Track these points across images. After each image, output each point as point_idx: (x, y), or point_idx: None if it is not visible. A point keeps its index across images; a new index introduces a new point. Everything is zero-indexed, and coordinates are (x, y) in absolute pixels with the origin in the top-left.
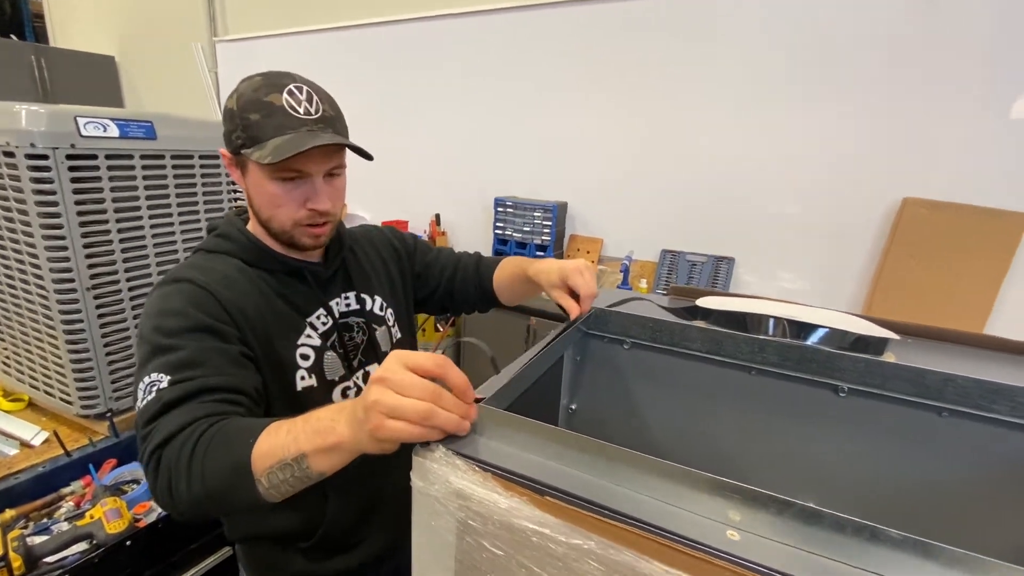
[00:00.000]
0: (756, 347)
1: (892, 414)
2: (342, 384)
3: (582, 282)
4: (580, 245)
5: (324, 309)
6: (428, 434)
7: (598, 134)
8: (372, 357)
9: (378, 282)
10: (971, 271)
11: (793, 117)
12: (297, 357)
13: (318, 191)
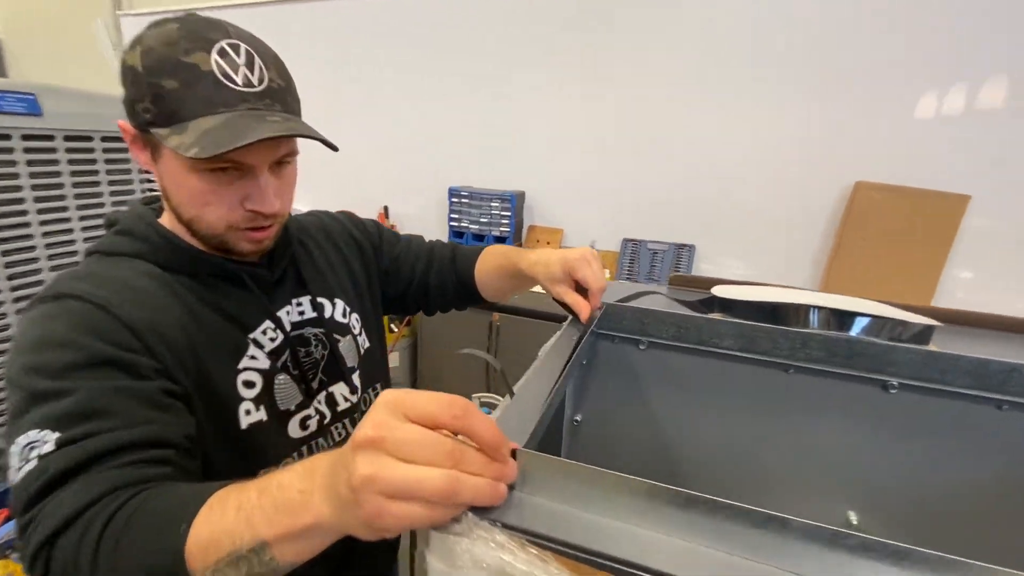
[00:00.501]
0: (799, 342)
1: (948, 410)
2: (300, 414)
3: (591, 274)
4: (540, 236)
5: (271, 321)
6: (450, 515)
7: (556, 122)
8: (336, 375)
9: (338, 282)
10: (918, 249)
11: (750, 105)
12: (239, 386)
13: (262, 188)
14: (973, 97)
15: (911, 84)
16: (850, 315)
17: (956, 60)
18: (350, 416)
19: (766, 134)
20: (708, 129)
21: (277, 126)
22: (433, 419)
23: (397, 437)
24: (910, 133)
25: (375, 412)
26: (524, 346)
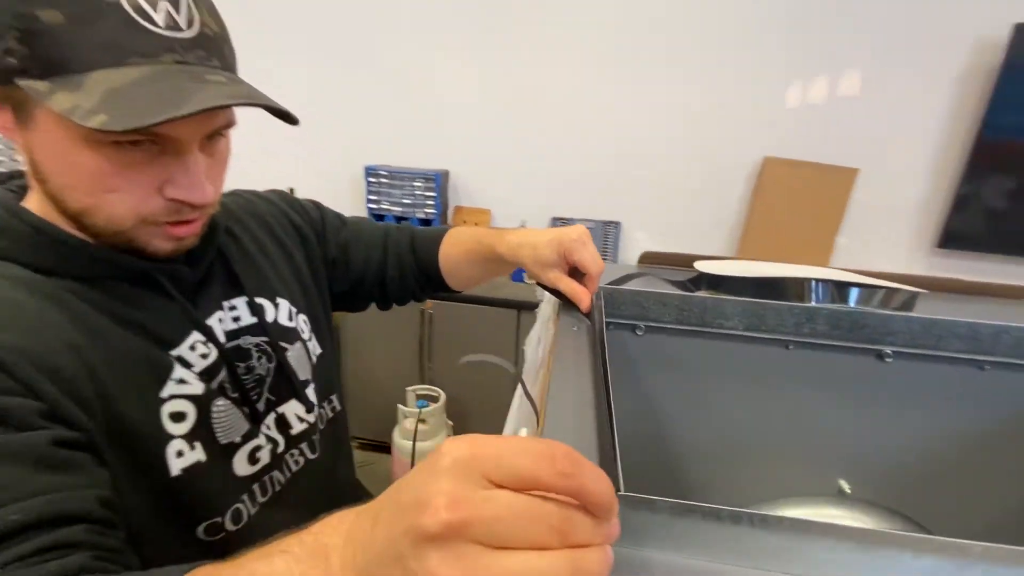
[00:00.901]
0: (804, 316)
1: (937, 374)
2: (247, 445)
3: (589, 256)
4: (467, 217)
5: (200, 333)
6: None
7: (477, 98)
8: (286, 392)
9: (279, 279)
10: (817, 218)
11: (666, 82)
12: (165, 420)
13: (191, 170)
14: (860, 80)
15: (807, 67)
16: (845, 286)
17: (846, 48)
18: (307, 439)
19: (682, 111)
20: (626, 106)
21: (223, 90)
22: (531, 480)
23: (486, 516)
24: (809, 112)
25: (442, 479)
26: (462, 335)
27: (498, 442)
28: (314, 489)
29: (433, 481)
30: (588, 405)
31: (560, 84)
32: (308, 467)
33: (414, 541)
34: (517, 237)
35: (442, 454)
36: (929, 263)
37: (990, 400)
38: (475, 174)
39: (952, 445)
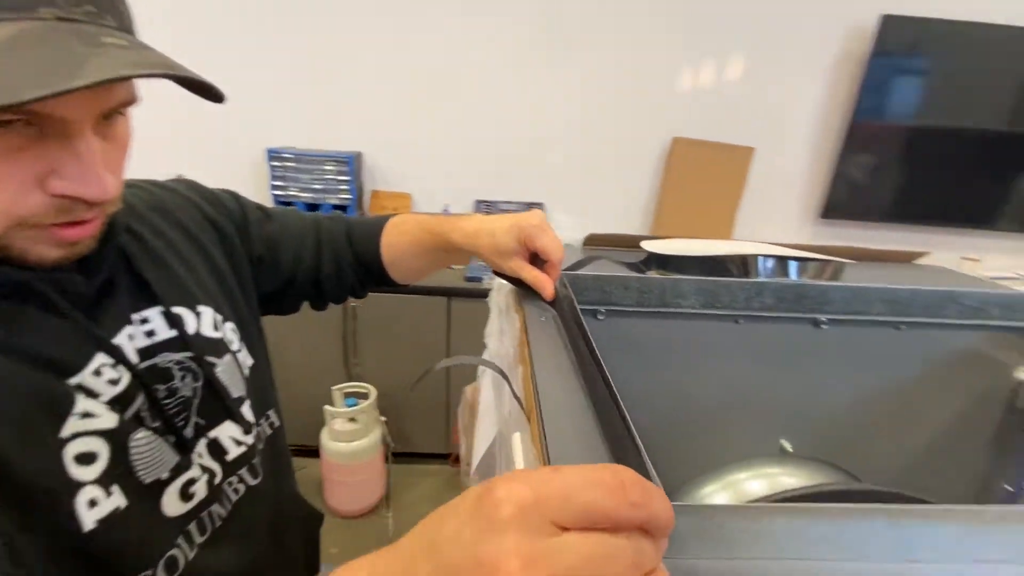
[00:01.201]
0: (754, 291)
1: (863, 337)
2: (178, 480)
3: (550, 242)
4: (384, 202)
5: (106, 353)
6: None
7: (391, 76)
8: (218, 413)
9: (198, 283)
10: (720, 193)
11: (580, 63)
12: (69, 465)
13: (83, 158)
14: (749, 65)
15: (702, 53)
16: (785, 260)
17: (733, 35)
18: (247, 463)
19: (595, 94)
20: (541, 88)
21: (127, 56)
22: (603, 516)
23: (562, 571)
24: (708, 95)
25: (508, 534)
26: (390, 327)
27: (559, 478)
28: (258, 517)
29: (495, 537)
30: (579, 399)
31: (475, 65)
32: (250, 494)
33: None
34: (472, 224)
35: (499, 501)
36: (814, 231)
37: (905, 356)
38: (392, 156)
39: (875, 400)
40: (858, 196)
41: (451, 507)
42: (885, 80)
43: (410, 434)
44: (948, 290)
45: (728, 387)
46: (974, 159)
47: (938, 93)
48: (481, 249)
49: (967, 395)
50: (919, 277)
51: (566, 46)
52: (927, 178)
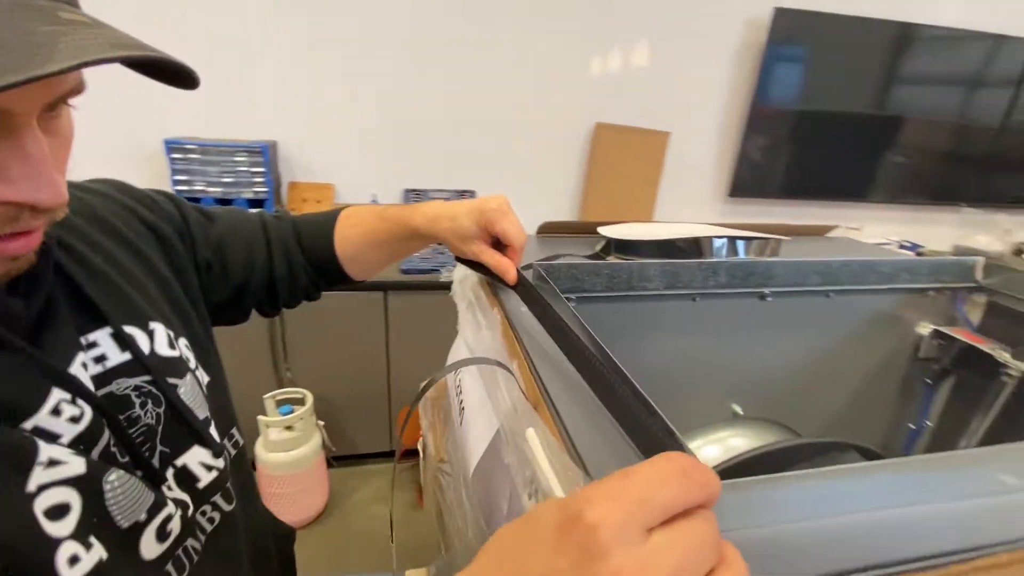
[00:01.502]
0: (710, 271)
1: (800, 306)
2: (156, 520)
3: (511, 226)
4: (305, 194)
5: (62, 388)
6: None
7: (305, 59)
8: (185, 438)
9: (144, 296)
10: (641, 177)
11: (507, 48)
12: (42, 521)
13: (30, 156)
14: (660, 52)
15: (615, 40)
16: (734, 240)
17: (643, 23)
18: (220, 488)
19: (519, 79)
20: (466, 74)
21: (98, 35)
22: (682, 507)
23: (670, 563)
24: (625, 81)
25: (612, 555)
26: (322, 327)
27: (632, 484)
28: (237, 544)
29: (599, 563)
30: (578, 382)
31: (395, 51)
32: (226, 521)
33: None
34: (432, 209)
35: (593, 526)
36: (723, 210)
37: (834, 321)
38: (310, 146)
39: (810, 361)
40: (758, 176)
41: (526, 537)
42: (779, 68)
43: (351, 436)
44: (868, 260)
45: (686, 360)
46: (850, 139)
47: (821, 80)
48: (442, 233)
49: (881, 350)
50: (831, 248)
51: (486, 31)
52: (813, 157)
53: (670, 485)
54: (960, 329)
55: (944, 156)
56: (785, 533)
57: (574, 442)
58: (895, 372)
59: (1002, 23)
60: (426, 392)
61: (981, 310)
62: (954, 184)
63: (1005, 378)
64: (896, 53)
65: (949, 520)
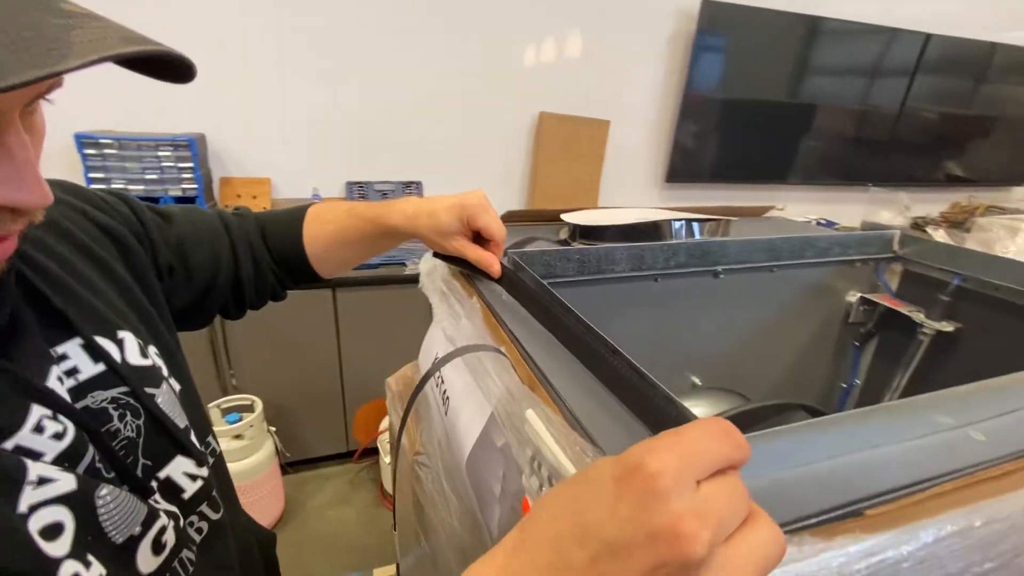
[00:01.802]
0: (671, 252)
1: (747, 281)
2: (151, 532)
3: (492, 220)
4: (239, 189)
5: (42, 404)
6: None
7: (232, 46)
8: (167, 449)
9: (108, 304)
10: (585, 165)
11: (443, 39)
12: (39, 542)
13: (15, 156)
14: (593, 42)
15: (549, 30)
16: (691, 223)
17: (577, 13)
18: (207, 497)
19: (461, 69)
20: (408, 63)
21: (108, 29)
22: (725, 463)
23: (720, 518)
24: (565, 71)
25: (673, 501)
26: (267, 329)
27: (686, 440)
28: (227, 552)
29: (661, 506)
30: (570, 359)
31: (332, 39)
32: (214, 530)
33: (675, 571)
34: (411, 206)
35: (654, 474)
36: (661, 195)
37: (777, 293)
38: (242, 139)
39: (758, 331)
40: (691, 162)
41: (583, 491)
42: (707, 58)
43: (305, 440)
44: (806, 236)
45: (649, 337)
46: (771, 126)
47: (744, 70)
48: (421, 230)
49: (817, 318)
50: (768, 227)
51: (422, 22)
52: (739, 143)
53: (717, 444)
54: (882, 295)
55: (852, 140)
56: (755, 487)
57: (577, 417)
58: (829, 337)
59: (897, 18)
60: (422, 388)
61: (899, 277)
62: (861, 165)
63: (921, 336)
64: (808, 45)
65: (898, 460)
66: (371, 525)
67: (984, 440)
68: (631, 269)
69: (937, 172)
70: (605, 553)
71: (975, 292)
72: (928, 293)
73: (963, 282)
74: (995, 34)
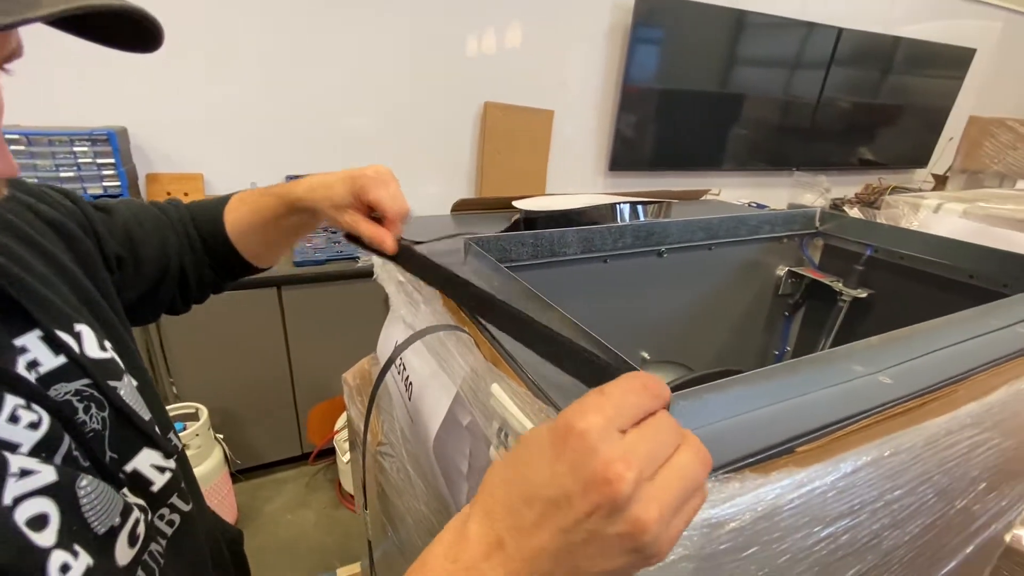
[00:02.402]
0: (618, 234)
1: (688, 259)
2: (128, 523)
3: (387, 195)
4: (169, 186)
5: (15, 393)
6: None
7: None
8: (134, 441)
9: (60, 297)
10: (531, 153)
11: (381, 29)
12: (26, 532)
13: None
14: (533, 33)
15: (487, 21)
16: (635, 205)
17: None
18: (176, 489)
19: (401, 59)
20: (346, 54)
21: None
22: (645, 412)
23: (646, 457)
24: (507, 61)
25: (600, 451)
26: (209, 333)
27: (607, 398)
28: (198, 546)
29: (592, 459)
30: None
31: (266, 27)
32: (185, 523)
33: (610, 511)
34: (313, 179)
35: (583, 432)
36: (605, 183)
37: (715, 270)
38: (169, 133)
39: (699, 306)
40: (632, 150)
41: (529, 459)
42: (643, 50)
43: (256, 445)
44: (739, 215)
45: (601, 316)
46: (704, 115)
47: (678, 61)
48: (319, 203)
49: (751, 291)
50: (705, 209)
51: (359, 11)
52: (675, 132)
53: (637, 397)
54: (806, 268)
55: (777, 128)
56: (709, 431)
57: (539, 386)
58: (762, 309)
59: (813, 12)
60: (384, 376)
61: (820, 251)
62: (786, 151)
63: (840, 303)
64: (735, 37)
65: (821, 404)
66: (331, 526)
67: (891, 383)
68: (582, 251)
69: (852, 157)
70: (550, 508)
71: (884, 261)
72: (845, 264)
73: (875, 252)
74: (895, 27)
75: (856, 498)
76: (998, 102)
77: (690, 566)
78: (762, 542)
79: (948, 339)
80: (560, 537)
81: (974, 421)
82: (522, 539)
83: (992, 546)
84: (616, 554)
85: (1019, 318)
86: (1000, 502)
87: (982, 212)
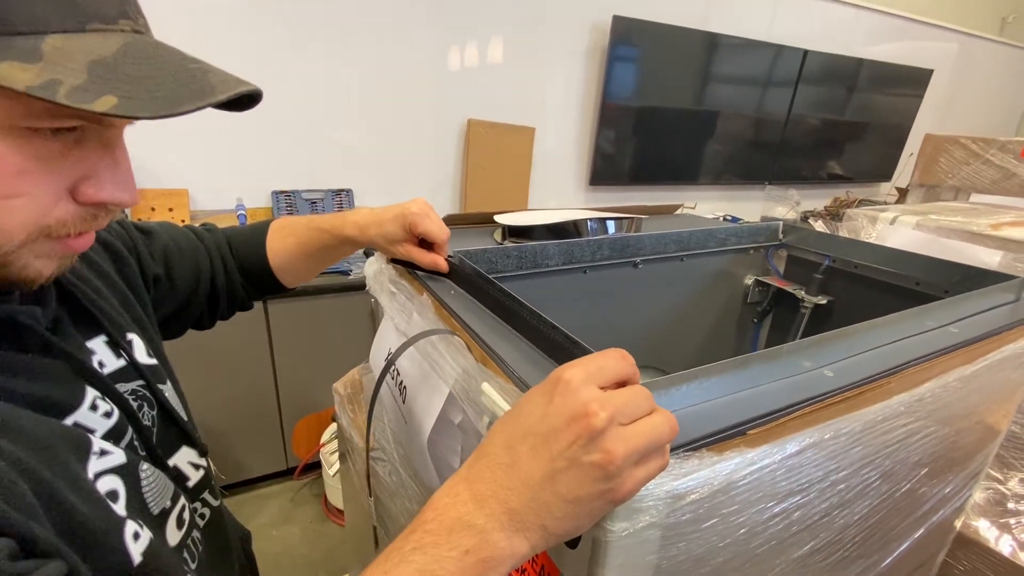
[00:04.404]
0: (596, 247)
1: (662, 270)
2: (177, 507)
3: (434, 226)
4: (154, 202)
5: (93, 387)
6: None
7: None
8: (174, 439)
9: (113, 308)
10: (514, 169)
11: (360, 43)
12: (108, 502)
13: (120, 164)
14: (520, 51)
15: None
16: (604, 220)
17: (497, 23)
18: (208, 486)
19: (385, 76)
20: (331, 71)
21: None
22: (621, 378)
23: (620, 405)
24: (489, 80)
25: (581, 393)
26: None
27: (591, 361)
28: (225, 539)
29: (574, 398)
30: (512, 335)
31: (251, 43)
32: (215, 517)
33: (587, 441)
34: (362, 217)
35: (568, 380)
36: (586, 197)
37: (687, 280)
38: (153, 148)
39: (672, 314)
40: (611, 166)
41: (523, 408)
42: (621, 68)
43: (241, 460)
44: (708, 229)
45: (580, 324)
46: (680, 132)
47: (654, 80)
48: (374, 239)
49: (721, 300)
50: (679, 223)
51: (343, 30)
52: (652, 148)
53: (615, 363)
54: (772, 277)
55: (750, 143)
56: (679, 414)
57: (527, 383)
58: (732, 316)
59: (779, 35)
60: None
61: (784, 261)
62: (759, 166)
63: (804, 310)
64: (708, 57)
65: (771, 394)
66: (317, 541)
67: (832, 376)
68: (563, 263)
69: (821, 171)
70: (540, 442)
71: (841, 270)
72: (807, 273)
73: (832, 262)
74: (857, 49)
75: (804, 477)
76: (957, 118)
77: (657, 534)
78: (721, 514)
79: (887, 337)
80: (547, 464)
81: (907, 410)
82: (513, 471)
83: (942, 531)
84: (589, 482)
85: (952, 319)
86: (944, 489)
87: (933, 224)
